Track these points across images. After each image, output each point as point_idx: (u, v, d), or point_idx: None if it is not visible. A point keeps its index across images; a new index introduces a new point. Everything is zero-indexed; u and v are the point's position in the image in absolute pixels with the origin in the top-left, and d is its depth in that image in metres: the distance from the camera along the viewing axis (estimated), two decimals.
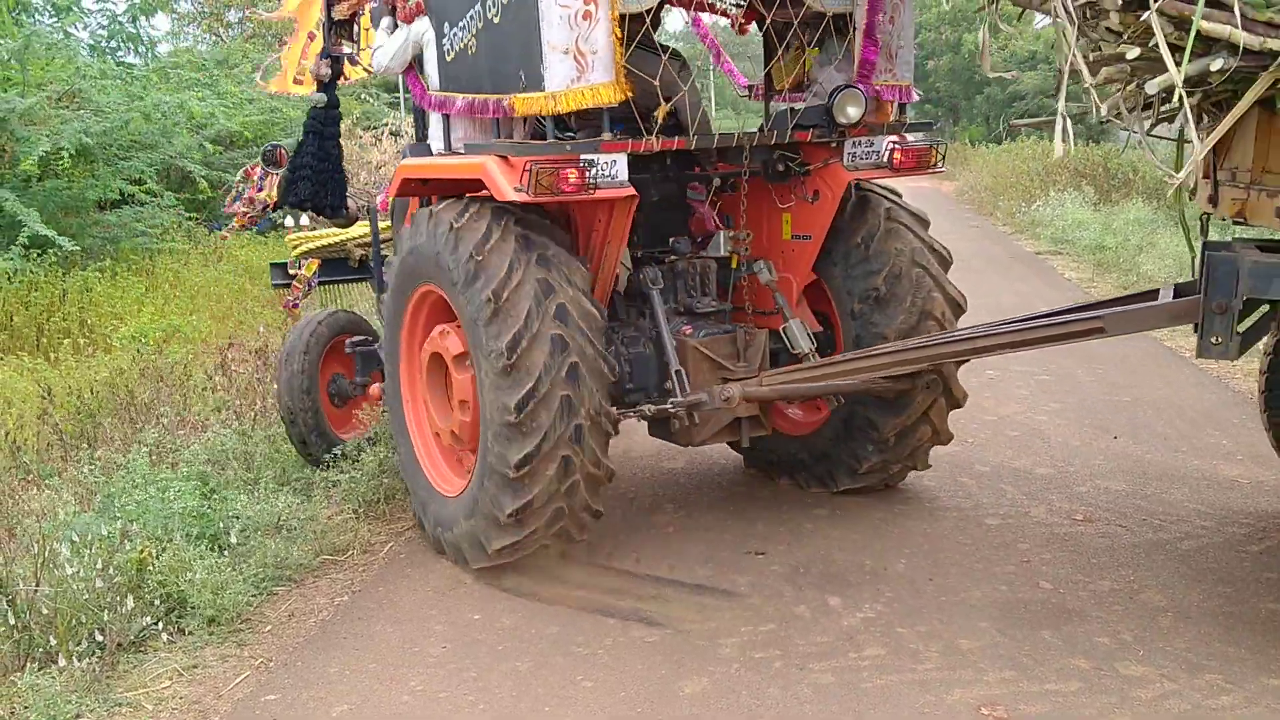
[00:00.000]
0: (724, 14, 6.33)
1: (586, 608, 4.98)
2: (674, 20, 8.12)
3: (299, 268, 9.11)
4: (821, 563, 5.33)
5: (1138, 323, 4.74)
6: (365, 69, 6.24)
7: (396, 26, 5.64)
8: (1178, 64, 3.59)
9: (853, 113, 5.31)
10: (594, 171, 4.78)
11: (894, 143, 5.45)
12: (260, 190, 11.51)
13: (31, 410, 7.78)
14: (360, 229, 8.09)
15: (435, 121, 5.61)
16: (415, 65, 5.62)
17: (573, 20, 4.68)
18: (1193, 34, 3.58)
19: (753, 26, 6.20)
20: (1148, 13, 3.64)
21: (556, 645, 4.62)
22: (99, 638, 4.56)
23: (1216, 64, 3.66)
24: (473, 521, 5.16)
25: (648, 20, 5.09)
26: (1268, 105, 3.96)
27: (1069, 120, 3.96)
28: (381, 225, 6.97)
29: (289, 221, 9.55)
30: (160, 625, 4.78)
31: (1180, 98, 3.63)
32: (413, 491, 5.83)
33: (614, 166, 4.84)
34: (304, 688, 4.39)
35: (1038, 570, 5.11)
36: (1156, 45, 3.62)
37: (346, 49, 6.44)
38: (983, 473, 6.53)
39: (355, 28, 6.45)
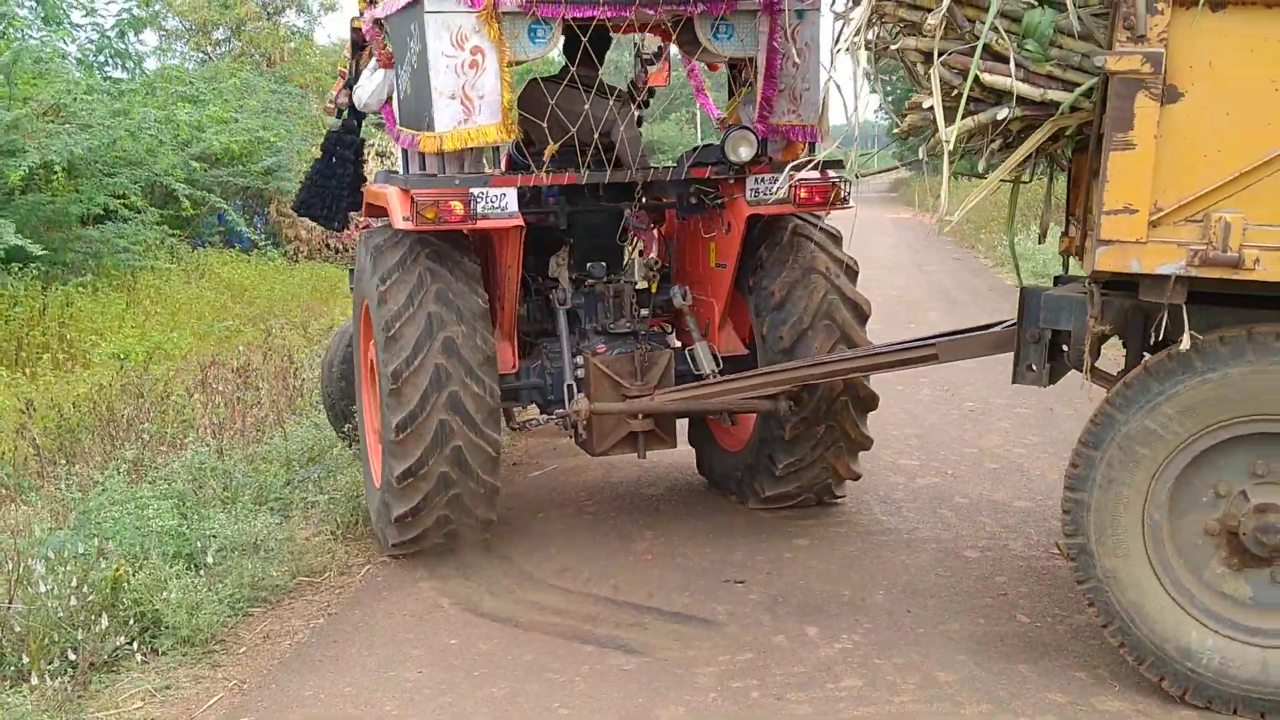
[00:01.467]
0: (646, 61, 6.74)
1: (564, 634, 4.97)
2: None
3: None
4: (800, 592, 5.33)
5: (965, 351, 5.23)
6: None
7: (377, 69, 6.10)
8: (971, 113, 4.03)
9: (744, 152, 5.63)
10: (481, 204, 5.26)
11: (799, 179, 5.65)
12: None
13: (9, 425, 7.73)
14: None
15: (399, 152, 6.21)
16: (390, 103, 6.14)
17: (459, 69, 5.26)
18: (968, 86, 3.98)
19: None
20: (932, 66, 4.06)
21: (533, 671, 4.60)
22: (72, 656, 4.52)
23: (1002, 113, 4.03)
24: (379, 516, 5.75)
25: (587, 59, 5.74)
26: (1082, 149, 4.30)
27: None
28: None
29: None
30: (134, 645, 4.75)
31: (948, 145, 4.02)
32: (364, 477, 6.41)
33: (503, 199, 5.31)
34: (278, 710, 4.36)
35: (1015, 603, 5.12)
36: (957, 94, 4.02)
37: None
38: (962, 505, 6.55)
39: None
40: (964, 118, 4.05)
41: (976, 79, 3.98)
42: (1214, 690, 4.13)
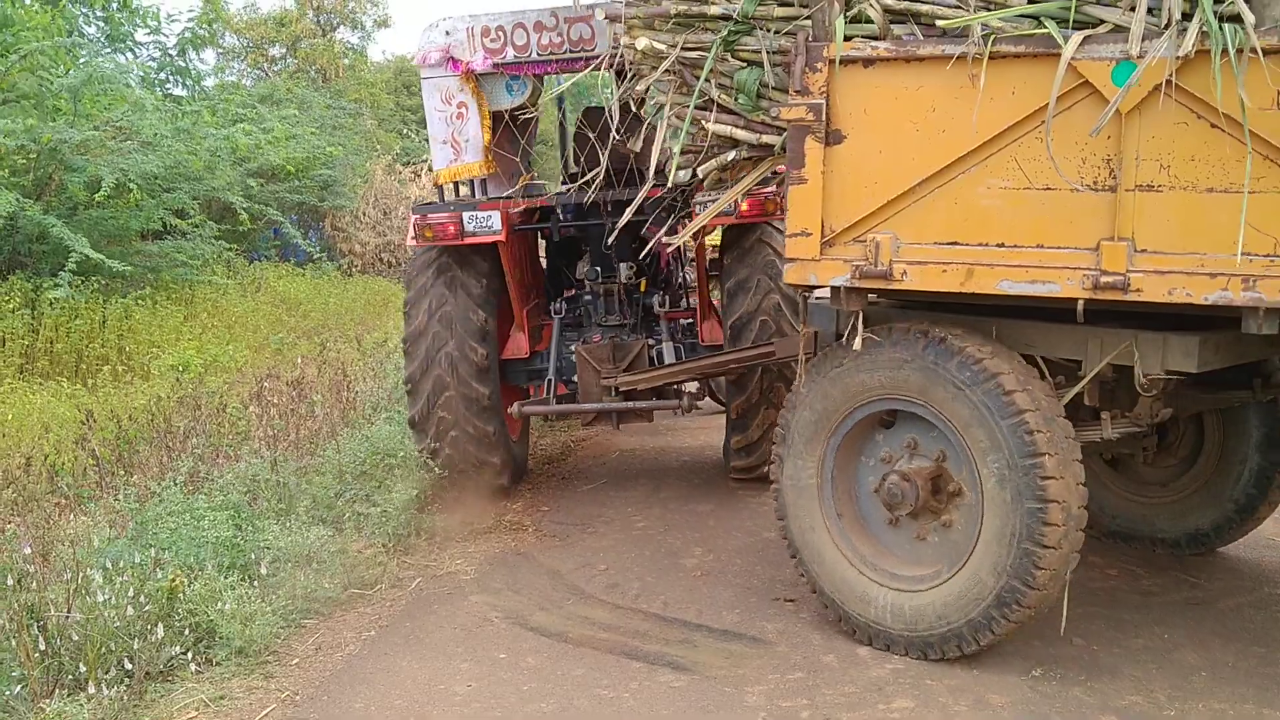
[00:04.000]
0: None
1: (613, 650, 4.97)
2: None
3: None
4: None
5: (792, 349, 5.65)
6: None
7: None
8: (713, 154, 4.94)
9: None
10: (471, 224, 6.57)
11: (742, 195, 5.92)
12: None
13: (70, 435, 7.86)
14: None
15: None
16: None
17: (449, 120, 6.74)
18: (684, 130, 4.90)
19: None
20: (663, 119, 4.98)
21: (582, 687, 4.61)
22: (128, 666, 4.58)
23: (731, 155, 4.90)
24: None
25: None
26: None
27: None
28: None
29: None
30: (189, 655, 4.80)
31: (680, 177, 5.06)
32: None
33: (490, 220, 6.57)
34: None
35: (1070, 625, 5.03)
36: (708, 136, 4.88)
37: None
38: None
39: None
40: (707, 160, 4.95)
41: (699, 125, 4.86)
42: (888, 636, 4.80)
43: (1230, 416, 5.63)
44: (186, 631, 4.89)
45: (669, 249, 7.31)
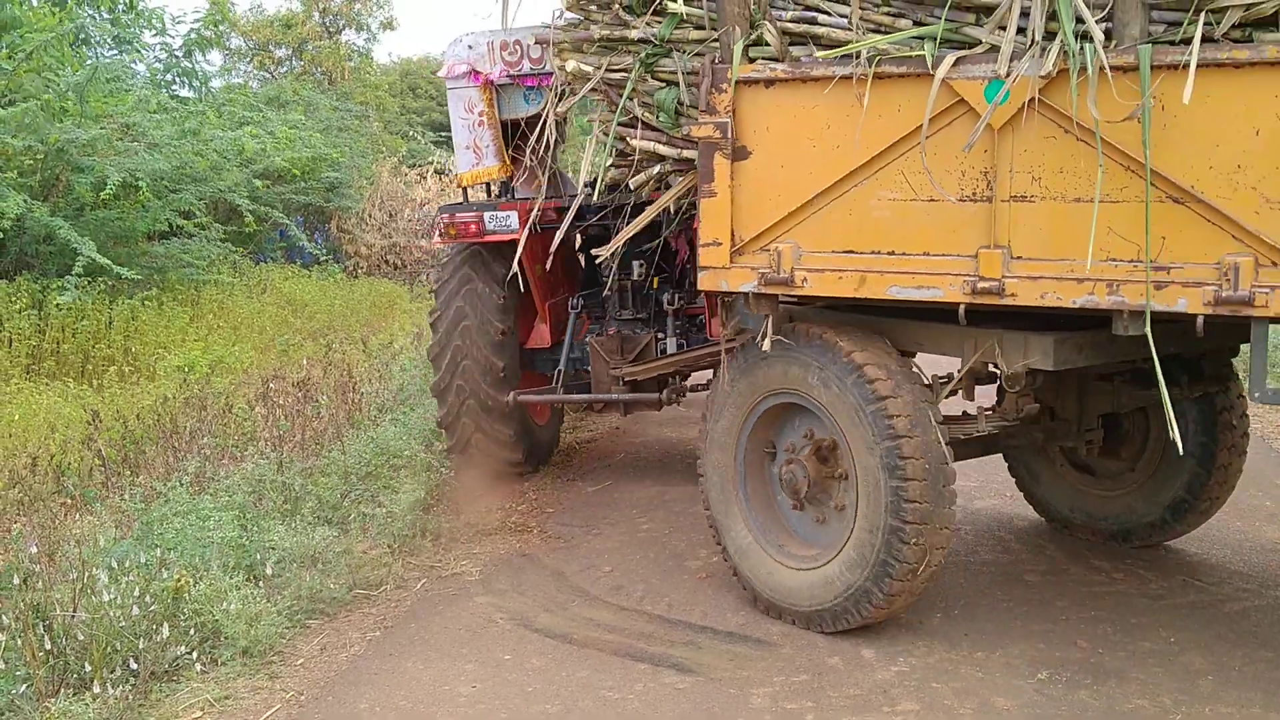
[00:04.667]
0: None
1: (617, 652, 4.97)
2: None
3: None
4: None
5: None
6: None
7: None
8: (642, 168, 5.29)
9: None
10: (491, 223, 7.04)
11: None
12: None
13: (76, 435, 7.87)
14: None
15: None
16: None
17: (471, 126, 7.23)
18: (608, 147, 5.30)
19: None
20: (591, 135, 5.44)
21: (586, 689, 4.60)
22: (133, 665, 4.59)
23: (655, 169, 5.26)
24: None
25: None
26: None
27: None
28: None
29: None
30: (194, 655, 4.81)
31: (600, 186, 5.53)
32: None
33: (508, 219, 7.00)
34: None
35: (1076, 629, 5.04)
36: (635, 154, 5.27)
37: None
38: (1022, 528, 6.47)
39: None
40: (638, 174, 5.31)
41: (624, 141, 5.24)
42: (792, 612, 5.15)
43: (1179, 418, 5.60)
44: (192, 631, 4.89)
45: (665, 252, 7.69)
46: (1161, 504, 5.95)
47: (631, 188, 5.41)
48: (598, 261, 6.99)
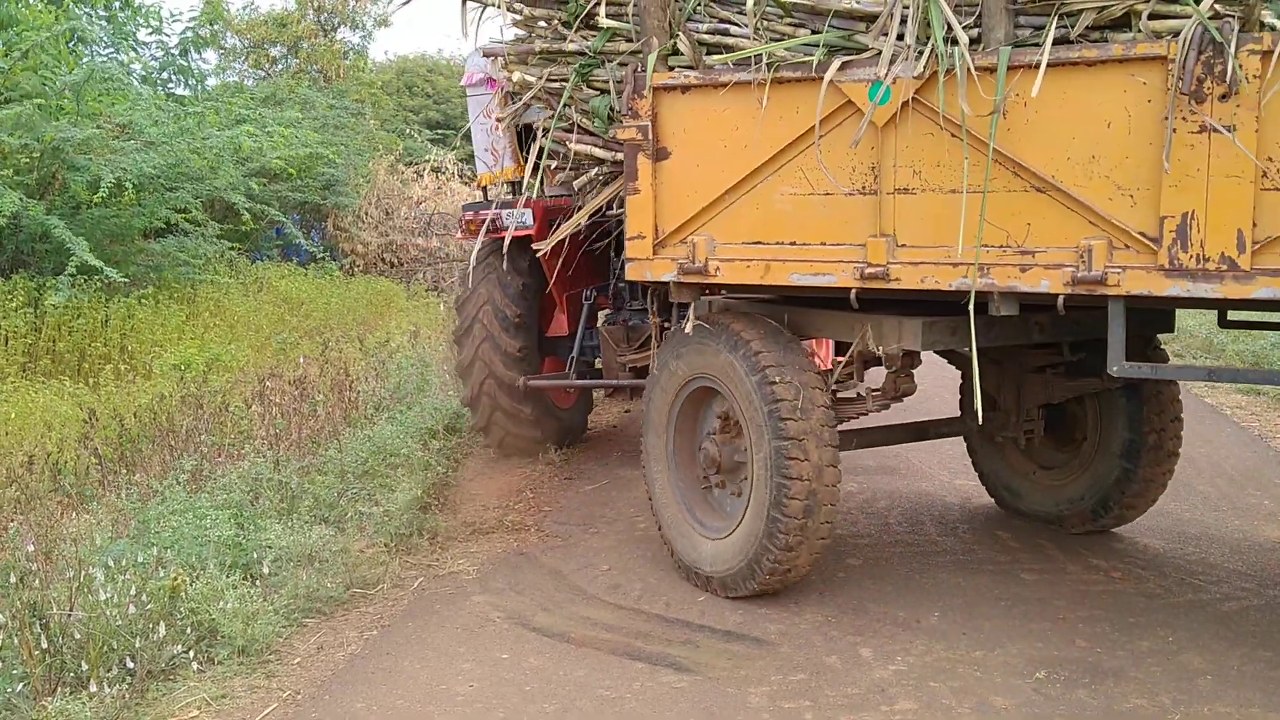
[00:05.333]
0: None
1: (615, 651, 4.96)
2: None
3: None
4: (854, 613, 5.28)
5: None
6: None
7: None
8: (583, 170, 5.74)
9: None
10: (510, 220, 7.35)
11: None
12: None
13: (72, 434, 7.85)
14: None
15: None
16: None
17: (488, 131, 7.84)
18: (546, 148, 5.74)
19: None
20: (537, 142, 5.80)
21: (584, 689, 4.59)
22: (129, 664, 4.57)
23: (593, 171, 5.68)
24: None
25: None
26: None
27: None
28: None
29: None
30: (191, 654, 4.79)
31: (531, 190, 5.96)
32: None
33: (524, 216, 7.41)
34: None
35: (1074, 627, 5.04)
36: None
37: None
38: (1020, 526, 6.47)
39: None
40: (580, 175, 5.72)
41: (565, 145, 5.66)
42: (705, 579, 5.55)
43: (1107, 403, 6.11)
44: (188, 630, 4.88)
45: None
46: (1097, 493, 6.18)
47: (575, 189, 5.84)
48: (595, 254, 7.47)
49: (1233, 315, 5.32)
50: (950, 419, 6.50)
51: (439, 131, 26.26)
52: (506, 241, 7.23)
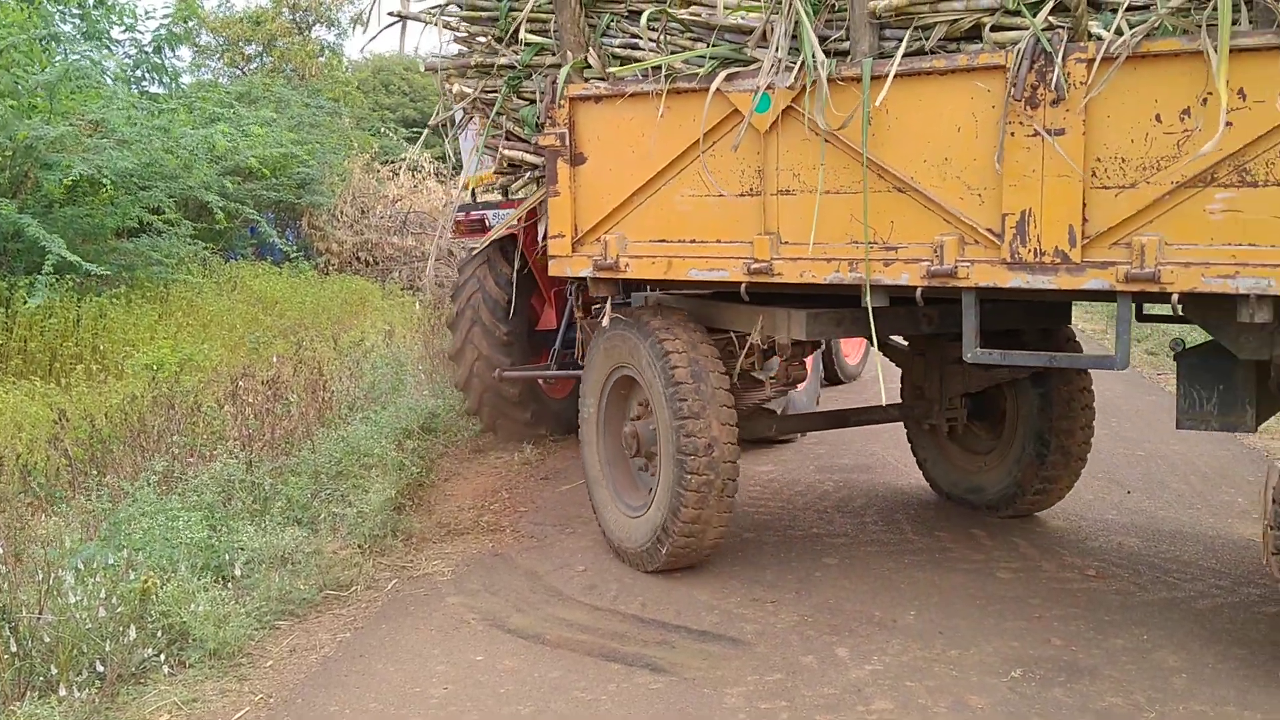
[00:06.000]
0: None
1: (591, 652, 4.93)
2: None
3: None
4: (830, 612, 5.27)
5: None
6: None
7: None
8: (521, 174, 6.14)
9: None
10: (496, 219, 7.96)
11: None
12: None
13: (42, 435, 7.77)
14: None
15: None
16: None
17: (476, 134, 7.40)
18: (480, 153, 6.25)
19: None
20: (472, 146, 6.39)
21: (559, 690, 4.57)
22: (100, 668, 4.52)
23: (526, 175, 6.08)
24: None
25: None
26: None
27: None
28: None
29: None
30: (162, 657, 4.74)
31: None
32: None
33: (508, 216, 7.30)
34: None
35: (1050, 626, 5.04)
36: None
37: None
38: (994, 524, 6.48)
39: None
40: (515, 180, 6.15)
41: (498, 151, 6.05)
42: (627, 554, 5.92)
43: (1021, 392, 6.38)
44: (159, 633, 4.83)
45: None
46: (1012, 479, 6.46)
47: (510, 193, 6.30)
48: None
49: (1149, 309, 5.50)
50: (871, 407, 6.93)
51: (415, 130, 26.15)
52: (489, 237, 7.55)
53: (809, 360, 8.79)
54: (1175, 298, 4.18)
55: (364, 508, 6.45)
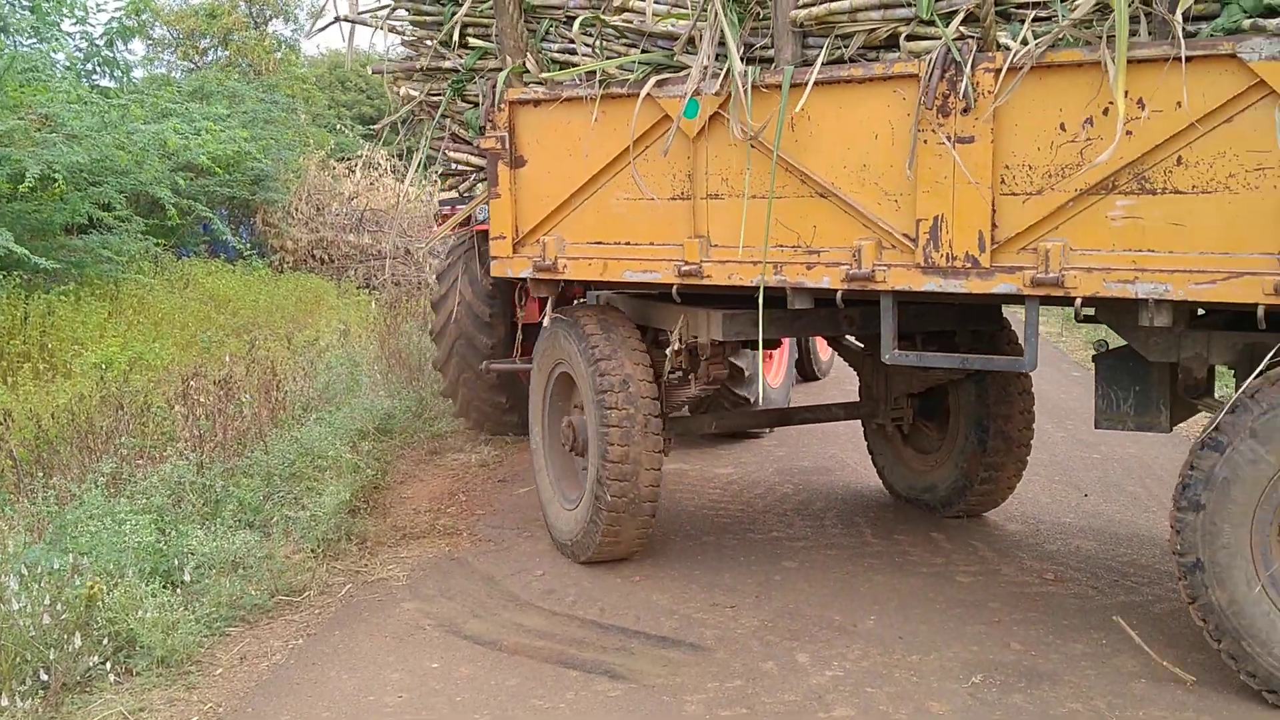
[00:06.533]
0: None
1: (548, 658, 4.86)
2: None
3: None
4: (790, 617, 5.23)
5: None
6: None
7: None
8: (471, 175, 6.24)
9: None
10: (482, 215, 7.36)
11: None
12: None
13: None
14: None
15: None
16: None
17: None
18: (424, 153, 6.30)
19: None
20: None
21: (516, 698, 4.50)
22: (44, 676, 4.41)
23: (472, 176, 6.20)
24: None
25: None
26: None
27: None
28: None
29: None
30: (108, 665, 4.63)
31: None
32: None
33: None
34: None
35: (1009, 630, 5.03)
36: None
37: None
38: (953, 528, 6.47)
39: None
40: (463, 180, 6.26)
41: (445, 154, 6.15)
42: (564, 545, 6.07)
43: (963, 393, 6.46)
44: (105, 641, 4.71)
45: None
46: (960, 470, 6.52)
47: (461, 193, 6.39)
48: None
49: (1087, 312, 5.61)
50: (814, 406, 7.13)
51: (372, 127, 25.93)
52: (447, 225, 7.63)
53: (783, 356, 9.37)
54: (1079, 302, 4.31)
55: (317, 511, 6.33)
